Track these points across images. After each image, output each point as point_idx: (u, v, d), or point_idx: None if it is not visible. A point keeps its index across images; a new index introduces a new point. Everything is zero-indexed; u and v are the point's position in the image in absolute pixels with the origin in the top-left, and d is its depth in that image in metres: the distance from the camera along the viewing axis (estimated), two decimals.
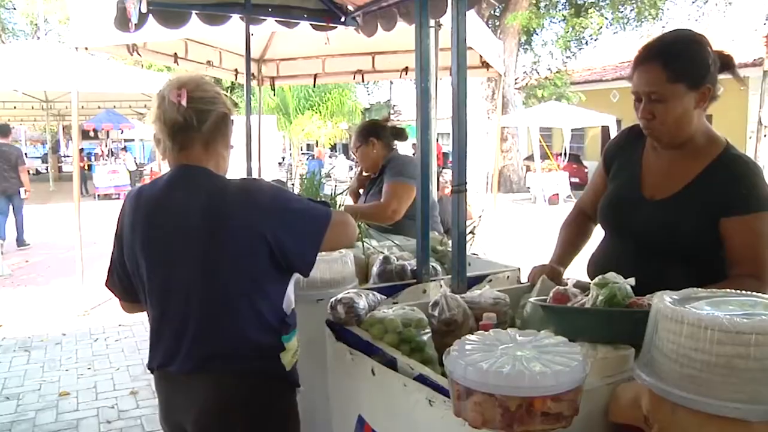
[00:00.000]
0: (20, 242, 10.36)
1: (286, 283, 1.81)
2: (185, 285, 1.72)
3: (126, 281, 1.87)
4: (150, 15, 3.73)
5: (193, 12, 3.95)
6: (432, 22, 4.59)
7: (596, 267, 2.06)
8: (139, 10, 3.33)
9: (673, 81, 1.85)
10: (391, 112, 29.65)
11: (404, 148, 4.04)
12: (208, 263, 1.70)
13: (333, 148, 32.04)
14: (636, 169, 2.09)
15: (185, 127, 1.74)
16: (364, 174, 3.88)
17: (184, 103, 1.72)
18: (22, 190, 10.05)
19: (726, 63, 1.94)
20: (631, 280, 1.55)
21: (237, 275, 1.71)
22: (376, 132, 3.74)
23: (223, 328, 1.72)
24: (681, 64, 1.86)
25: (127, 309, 1.97)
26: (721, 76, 1.93)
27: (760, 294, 1.26)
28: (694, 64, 1.87)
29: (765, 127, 15.79)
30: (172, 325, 1.76)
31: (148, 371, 1.91)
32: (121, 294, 1.93)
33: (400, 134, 3.84)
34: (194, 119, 1.74)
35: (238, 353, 1.73)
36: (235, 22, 4.30)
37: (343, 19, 4.23)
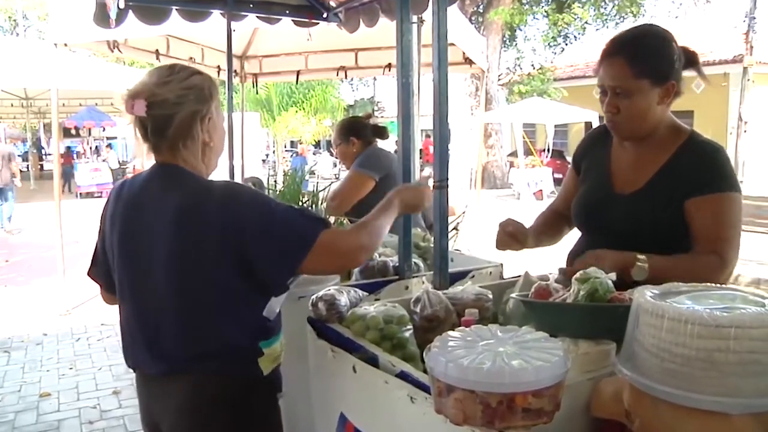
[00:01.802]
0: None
1: (261, 293, 1.70)
2: (157, 285, 1.66)
3: (107, 271, 1.82)
4: (130, 11, 3.69)
5: (174, 8, 3.92)
6: (414, 18, 4.57)
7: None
8: (117, 5, 3.30)
9: (637, 76, 1.86)
10: (375, 108, 29.64)
11: (388, 145, 4.03)
12: (179, 264, 1.63)
13: (317, 145, 31.96)
14: (605, 167, 2.11)
15: (147, 135, 1.68)
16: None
17: (141, 113, 1.62)
18: (15, 180, 12.48)
19: (690, 59, 1.96)
20: (613, 275, 1.55)
21: (206, 280, 1.62)
22: (356, 131, 3.72)
23: (197, 330, 1.65)
24: (646, 59, 1.87)
25: (107, 300, 1.92)
26: (686, 73, 1.94)
27: (740, 287, 1.26)
28: (660, 60, 1.89)
29: (745, 122, 15.96)
30: (145, 326, 1.70)
31: (131, 370, 1.86)
32: (104, 284, 1.88)
33: (381, 133, 3.81)
34: (153, 128, 1.66)
35: (212, 355, 1.66)
36: (217, 18, 4.27)
37: (325, 15, 4.22)
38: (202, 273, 1.62)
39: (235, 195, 1.66)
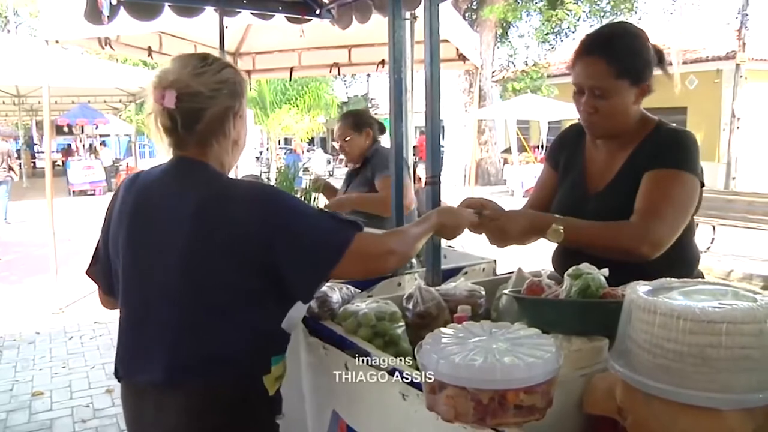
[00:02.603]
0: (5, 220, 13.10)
1: (283, 301, 1.61)
2: (163, 287, 1.56)
3: (108, 271, 1.72)
4: (121, 7, 3.67)
5: (166, 4, 3.90)
6: (407, 15, 4.56)
7: (560, 263, 2.04)
8: (110, 1, 3.29)
9: (617, 77, 1.84)
10: (369, 105, 29.64)
11: (384, 141, 4.05)
12: (192, 267, 1.52)
13: (311, 142, 31.92)
14: (580, 167, 2.09)
15: (174, 130, 1.58)
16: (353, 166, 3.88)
17: (171, 105, 1.53)
18: (9, 179, 13.31)
19: (659, 57, 1.94)
20: (605, 271, 1.55)
21: (221, 286, 1.52)
22: (369, 123, 3.74)
23: (202, 339, 1.54)
24: (626, 59, 1.85)
25: (105, 303, 1.82)
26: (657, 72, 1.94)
27: (732, 283, 1.26)
28: (638, 60, 1.87)
29: (738, 119, 16.01)
30: (145, 330, 1.59)
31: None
32: (102, 284, 1.78)
33: (383, 128, 3.86)
34: (183, 122, 1.56)
35: (215, 358, 1.55)
36: (210, 14, 4.25)
37: (318, 12, 4.21)
38: (219, 278, 1.52)
39: (262, 194, 1.58)
